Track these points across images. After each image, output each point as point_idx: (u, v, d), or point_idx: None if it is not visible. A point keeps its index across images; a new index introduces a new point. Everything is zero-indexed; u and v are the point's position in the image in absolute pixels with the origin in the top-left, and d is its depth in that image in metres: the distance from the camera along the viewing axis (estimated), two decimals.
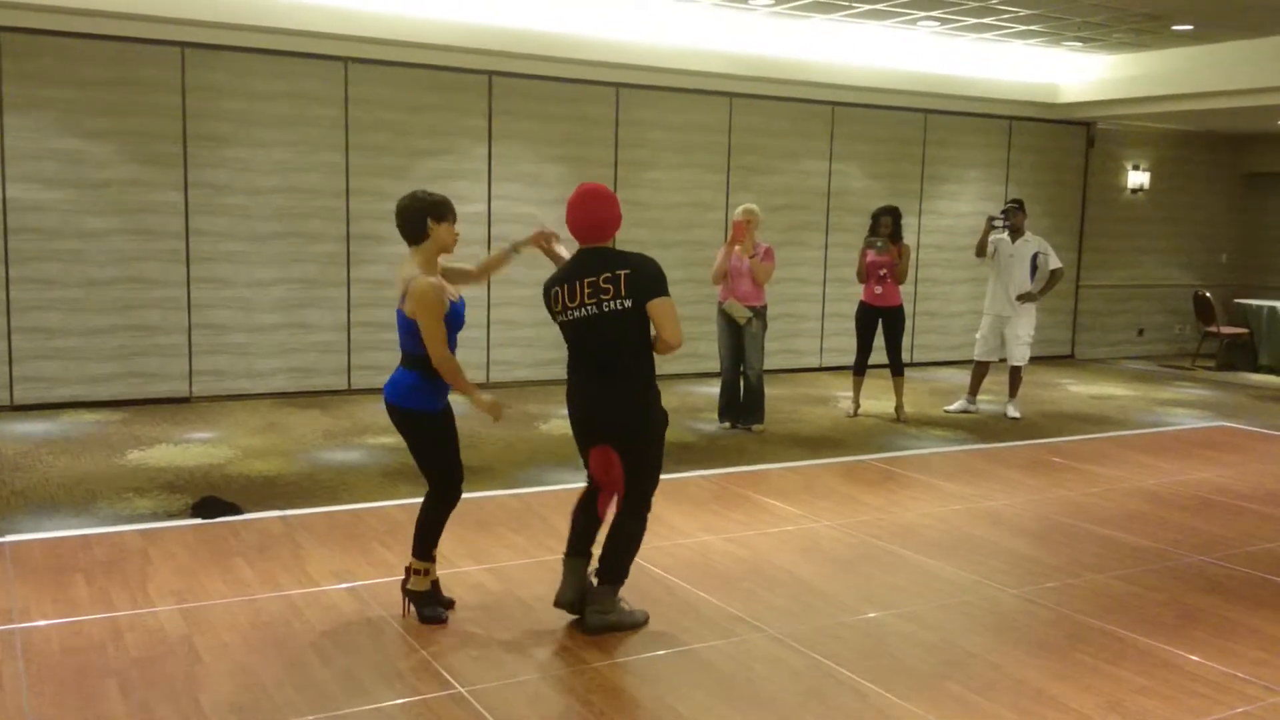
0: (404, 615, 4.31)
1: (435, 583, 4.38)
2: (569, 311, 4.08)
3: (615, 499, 4.28)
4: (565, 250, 4.41)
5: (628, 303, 4.02)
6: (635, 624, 4.29)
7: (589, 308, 4.04)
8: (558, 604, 4.28)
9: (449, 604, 4.42)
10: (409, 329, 4.09)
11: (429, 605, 4.28)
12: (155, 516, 5.64)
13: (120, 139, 8.35)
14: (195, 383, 8.80)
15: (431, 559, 4.30)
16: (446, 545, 5.03)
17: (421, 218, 4.07)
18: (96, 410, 8.32)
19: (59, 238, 8.24)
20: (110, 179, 8.35)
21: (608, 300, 4.02)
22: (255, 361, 8.98)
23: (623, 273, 4.02)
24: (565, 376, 4.33)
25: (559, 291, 4.11)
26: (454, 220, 4.15)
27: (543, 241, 4.50)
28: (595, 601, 4.24)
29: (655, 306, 4.05)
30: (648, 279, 4.05)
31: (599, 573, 4.27)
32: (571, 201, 4.14)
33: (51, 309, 8.27)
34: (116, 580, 4.64)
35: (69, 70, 8.15)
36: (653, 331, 4.11)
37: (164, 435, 7.55)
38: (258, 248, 8.89)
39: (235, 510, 5.70)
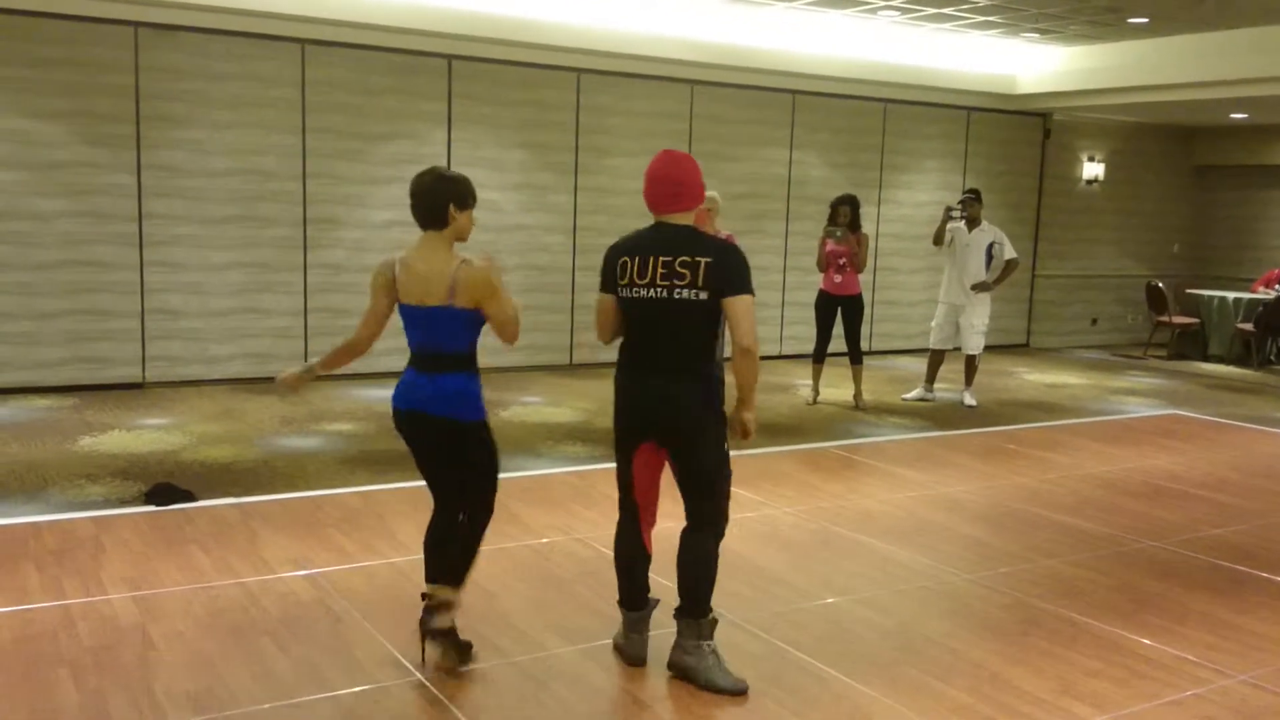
0: (422, 664, 3.73)
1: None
2: (636, 289, 3.61)
3: (652, 523, 3.85)
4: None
5: (704, 294, 3.56)
6: (716, 686, 3.61)
7: (659, 289, 3.58)
8: (629, 663, 3.83)
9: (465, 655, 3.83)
10: (460, 325, 3.61)
11: (467, 649, 3.76)
12: (108, 503, 5.56)
13: (72, 120, 8.20)
14: (149, 368, 8.67)
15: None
16: (414, 533, 5.02)
17: (444, 203, 3.58)
18: (47, 395, 8.18)
19: (8, 219, 8.07)
20: (61, 160, 8.19)
21: (681, 287, 3.57)
22: (210, 347, 8.86)
23: (704, 260, 3.56)
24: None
25: (628, 263, 3.63)
26: (474, 205, 3.67)
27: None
28: (679, 636, 3.74)
29: (733, 304, 3.59)
30: (730, 271, 3.58)
31: (679, 608, 3.72)
32: (652, 163, 3.74)
33: (0, 292, 8.12)
34: (69, 568, 4.57)
35: (19, 49, 7.97)
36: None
37: (117, 421, 7.44)
38: (212, 231, 8.77)
39: (189, 497, 5.63)
